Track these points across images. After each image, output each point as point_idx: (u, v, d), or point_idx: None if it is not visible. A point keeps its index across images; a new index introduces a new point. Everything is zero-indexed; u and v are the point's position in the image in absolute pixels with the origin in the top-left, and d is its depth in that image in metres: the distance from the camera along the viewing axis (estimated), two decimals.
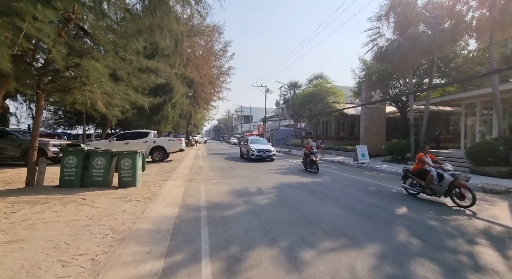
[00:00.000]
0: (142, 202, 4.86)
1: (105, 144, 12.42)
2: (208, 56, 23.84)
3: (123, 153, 6.08)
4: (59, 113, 24.36)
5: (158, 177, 7.96)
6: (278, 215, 4.59)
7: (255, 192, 6.56)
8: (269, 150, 14.97)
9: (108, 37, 6.79)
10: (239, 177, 8.95)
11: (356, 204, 5.65)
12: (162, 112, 17.61)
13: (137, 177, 6.24)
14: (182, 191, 6.41)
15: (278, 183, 7.90)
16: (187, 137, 35.21)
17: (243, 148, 16.89)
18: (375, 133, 17.99)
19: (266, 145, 16.04)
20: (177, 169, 10.18)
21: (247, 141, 16.55)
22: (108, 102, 6.72)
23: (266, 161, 14.72)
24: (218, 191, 6.54)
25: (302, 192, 6.71)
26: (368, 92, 17.85)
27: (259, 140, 17.21)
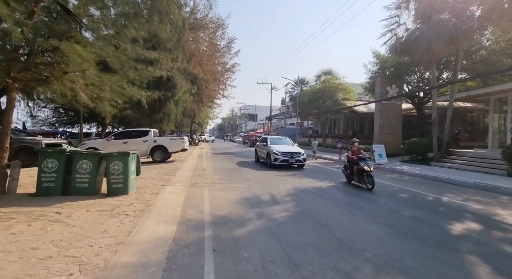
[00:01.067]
0: (131, 217, 3.90)
1: (102, 143, 11.56)
2: (212, 52, 22.91)
3: (113, 155, 5.13)
4: (61, 111, 23.76)
5: (156, 181, 7.01)
6: (303, 236, 3.59)
7: (269, 201, 5.56)
8: (298, 153, 11.11)
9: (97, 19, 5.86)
10: (247, 181, 7.97)
11: (394, 217, 4.61)
12: (165, 110, 16.72)
13: (130, 183, 5.29)
14: (182, 199, 5.44)
15: (293, 189, 6.88)
16: (191, 135, 34.40)
17: (260, 150, 12.96)
18: (391, 131, 16.81)
19: (292, 146, 12.33)
20: (178, 171, 9.24)
21: (265, 141, 12.63)
22: (97, 95, 5.77)
23: (293, 167, 11.24)
24: (225, 199, 5.55)
25: (323, 201, 5.69)
26: (383, 87, 16.67)
27: (282, 140, 13.22)
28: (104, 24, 6.21)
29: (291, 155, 10.95)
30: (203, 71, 21.20)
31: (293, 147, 12.25)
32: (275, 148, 11.36)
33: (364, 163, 7.06)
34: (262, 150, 12.49)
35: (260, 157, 13.00)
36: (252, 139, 34.98)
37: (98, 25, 5.98)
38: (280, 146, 11.73)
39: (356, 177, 7.36)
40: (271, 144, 11.98)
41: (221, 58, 24.86)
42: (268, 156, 11.35)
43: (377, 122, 17.02)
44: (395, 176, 9.91)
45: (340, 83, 25.36)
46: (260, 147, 13.08)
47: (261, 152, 12.78)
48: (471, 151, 13.02)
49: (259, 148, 13.24)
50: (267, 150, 11.66)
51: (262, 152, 12.42)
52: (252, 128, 70.03)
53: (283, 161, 10.80)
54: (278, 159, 10.80)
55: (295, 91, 31.05)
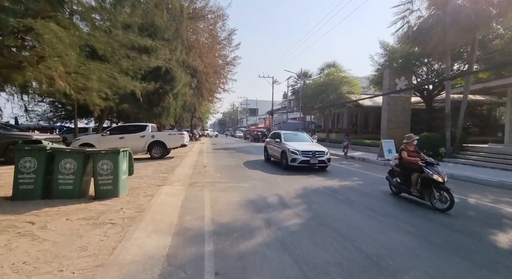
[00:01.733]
0: (118, 227, 3.31)
1: (97, 138, 10.96)
2: (212, 44, 22.11)
3: (100, 153, 4.52)
4: (59, 105, 23.14)
5: (152, 181, 6.42)
6: (322, 250, 2.99)
7: (276, 204, 4.96)
8: (321, 151, 9.09)
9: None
10: (251, 179, 7.37)
11: (422, 225, 4.01)
12: (163, 103, 16.04)
13: (120, 184, 4.69)
14: (180, 202, 4.85)
15: (302, 189, 6.28)
16: (191, 130, 33.80)
17: (272, 147, 11.04)
18: (399, 126, 16.14)
19: (313, 143, 10.41)
20: (177, 168, 8.65)
21: (278, 137, 10.64)
22: (84, 85, 5.13)
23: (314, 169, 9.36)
24: (228, 202, 4.96)
25: (337, 203, 5.09)
26: (392, 79, 15.92)
27: (298, 135, 11.24)
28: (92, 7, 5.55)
29: (313, 154, 8.87)
30: (203, 64, 20.45)
31: (313, 144, 10.23)
32: (292, 145, 9.31)
33: (433, 171, 4.87)
34: (275, 147, 10.55)
35: (271, 156, 11.22)
36: (254, 134, 34.36)
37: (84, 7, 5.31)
38: (297, 143, 9.70)
39: (415, 190, 5.21)
40: (286, 141, 9.96)
41: (221, 51, 24.09)
42: (284, 156, 9.32)
43: (385, 115, 16.33)
44: None
45: (344, 76, 24.54)
46: (272, 144, 11.04)
47: (273, 150, 10.88)
48: (485, 146, 12.36)
49: (271, 145, 11.24)
50: (281, 148, 9.64)
51: (275, 150, 10.50)
52: (253, 122, 69.34)
53: (303, 162, 8.75)
54: (297, 159, 8.74)
55: (297, 85, 30.23)
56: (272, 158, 11.16)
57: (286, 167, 9.10)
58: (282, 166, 9.57)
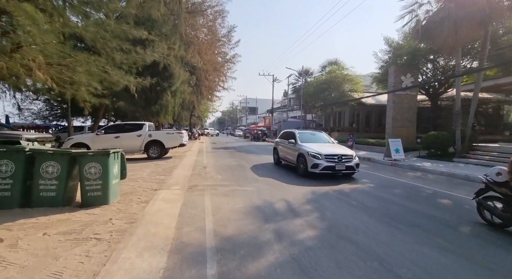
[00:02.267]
0: (104, 244, 2.80)
1: (91, 138, 10.42)
2: (212, 40, 21.55)
3: (87, 154, 4.00)
4: (54, 104, 22.55)
5: (147, 184, 5.90)
6: (348, 274, 2.49)
7: (285, 211, 4.46)
8: (348, 155, 7.55)
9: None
10: (254, 182, 6.87)
11: (455, 237, 3.52)
12: (161, 101, 15.51)
13: (111, 189, 4.17)
14: (178, 210, 4.34)
15: (310, 193, 5.79)
16: (190, 129, 33.26)
17: (284, 149, 9.47)
18: (405, 124, 15.63)
19: (335, 145, 8.69)
20: (175, 169, 8.13)
21: (292, 137, 8.99)
22: (70, 79, 4.59)
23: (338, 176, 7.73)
24: (231, 209, 4.45)
25: (352, 210, 4.59)
26: (397, 76, 15.38)
27: (316, 135, 9.47)
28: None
29: (339, 159, 7.28)
30: (202, 61, 19.90)
31: (336, 146, 8.52)
32: (312, 148, 7.73)
33: None
34: (288, 149, 9.00)
35: (283, 159, 9.70)
36: (254, 132, 33.84)
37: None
38: (317, 145, 8.13)
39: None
40: (303, 142, 8.44)
41: (221, 48, 23.56)
42: (301, 160, 7.78)
43: (390, 114, 15.81)
44: (419, 175, 8.82)
45: (347, 74, 24.04)
46: (284, 146, 9.42)
47: (285, 152, 9.34)
48: (496, 145, 11.89)
49: (282, 147, 9.69)
50: (297, 151, 8.09)
51: (288, 153, 8.99)
52: (252, 121, 68.82)
53: (327, 168, 7.16)
54: (319, 165, 7.16)
55: (298, 83, 29.70)
56: (284, 161, 9.70)
57: (305, 174, 7.57)
58: (298, 172, 7.95)
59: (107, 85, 6.03)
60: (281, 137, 10.37)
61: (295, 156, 8.30)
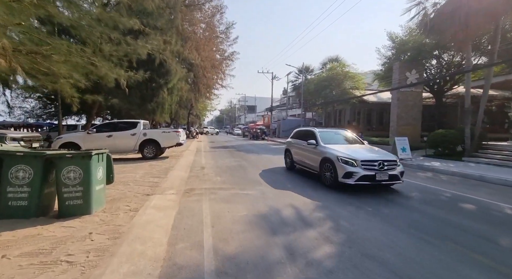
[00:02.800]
0: (77, 270, 2.24)
1: (82, 137, 9.80)
2: (210, 36, 20.93)
3: (65, 156, 3.43)
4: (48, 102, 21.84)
5: (139, 188, 5.34)
6: None
7: (294, 220, 3.92)
8: (391, 161, 5.83)
9: None
10: (257, 184, 6.32)
11: (498, 253, 3.00)
12: (157, 99, 14.92)
13: (93, 197, 3.60)
14: (171, 220, 3.78)
15: (319, 197, 5.25)
16: (188, 128, 32.64)
17: (300, 151, 7.79)
18: (409, 122, 15.16)
19: (369, 147, 6.94)
20: (171, 171, 7.57)
21: (310, 136, 7.35)
22: (48, 69, 4.01)
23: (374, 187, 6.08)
24: (233, 219, 3.90)
25: (369, 218, 4.06)
26: (402, 73, 14.90)
27: (340, 135, 7.63)
28: None
29: (380, 165, 5.55)
30: (200, 57, 19.29)
31: (371, 148, 6.73)
32: (342, 151, 6.02)
33: None
34: (307, 152, 7.25)
35: (299, 163, 7.87)
36: (253, 131, 33.27)
37: None
38: (346, 147, 6.47)
39: None
40: (327, 143, 6.72)
41: (219, 46, 22.96)
42: (327, 167, 6.08)
43: (394, 111, 15.34)
44: (430, 175, 8.32)
45: (348, 71, 23.52)
46: (301, 148, 7.71)
47: (302, 156, 7.59)
48: (505, 144, 11.44)
49: (297, 149, 7.96)
50: (321, 154, 6.37)
51: (307, 157, 7.23)
52: (251, 120, 68.25)
53: (365, 178, 5.44)
54: (355, 174, 5.45)
55: (298, 80, 29.16)
56: (300, 166, 7.91)
57: (333, 185, 5.84)
58: (323, 181, 6.22)
59: (94, 79, 5.42)
60: (295, 136, 8.65)
61: (317, 161, 6.53)
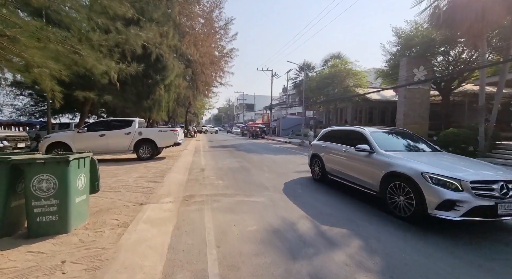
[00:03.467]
0: None
1: (71, 136, 9.09)
2: (209, 32, 20.22)
3: (35, 162, 2.77)
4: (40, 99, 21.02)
5: (132, 196, 4.69)
6: None
7: (315, 237, 3.29)
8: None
9: None
10: (263, 189, 5.70)
11: None
12: (154, 96, 14.22)
13: (71, 211, 2.95)
14: (168, 238, 3.14)
15: (333, 204, 4.64)
16: (186, 126, 31.93)
17: (337, 158, 5.79)
18: (416, 121, 14.61)
19: (477, 163, 4.24)
20: (168, 173, 6.91)
21: (360, 139, 5.16)
22: (18, 56, 3.34)
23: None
24: (241, 236, 3.27)
25: (398, 232, 3.44)
26: (410, 69, 14.32)
27: (402, 137, 5.45)
28: None
29: (504, 189, 3.41)
30: (198, 53, 18.57)
31: (477, 163, 4.29)
32: (427, 164, 3.94)
33: None
34: (356, 163, 5.09)
35: (337, 175, 5.76)
36: (252, 130, 32.63)
37: None
38: (427, 158, 4.40)
39: None
40: (388, 150, 4.63)
41: (218, 42, 22.26)
42: (402, 189, 3.90)
43: (401, 109, 14.77)
44: None
45: (350, 68, 22.92)
46: (341, 155, 5.61)
47: (345, 166, 5.47)
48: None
49: (336, 156, 5.79)
50: (385, 167, 4.26)
51: (357, 169, 5.05)
52: (250, 118, 67.57)
53: (479, 211, 3.32)
54: (463, 204, 3.34)
55: (299, 78, 28.50)
56: (337, 177, 5.71)
57: (416, 218, 3.76)
58: (397, 213, 3.96)
59: (80, 71, 4.75)
60: (327, 138, 6.53)
61: (374, 176, 4.41)
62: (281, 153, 13.50)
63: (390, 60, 17.96)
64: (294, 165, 9.24)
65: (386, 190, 4.17)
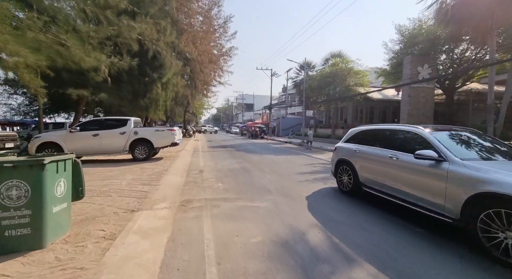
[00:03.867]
0: None
1: (63, 136, 8.65)
2: (208, 29, 19.81)
3: (3, 166, 2.35)
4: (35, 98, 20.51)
5: (124, 201, 4.27)
6: None
7: (329, 251, 2.89)
8: None
9: None
10: (267, 193, 5.29)
11: None
12: (151, 94, 13.77)
13: (48, 222, 2.54)
14: (161, 253, 2.72)
15: (343, 210, 4.24)
16: (185, 126, 31.47)
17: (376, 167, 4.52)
18: (421, 120, 14.26)
19: None
20: (165, 175, 6.49)
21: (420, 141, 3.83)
22: None
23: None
24: (245, 251, 2.85)
25: (421, 244, 3.05)
26: (414, 67, 13.96)
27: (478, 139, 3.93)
28: None
29: None
30: (197, 51, 18.15)
31: None
32: None
33: None
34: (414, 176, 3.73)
35: (379, 189, 4.43)
36: (251, 130, 32.24)
37: None
38: None
39: None
40: (467, 158, 3.26)
41: (217, 41, 21.86)
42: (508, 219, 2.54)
43: (405, 109, 14.41)
44: None
45: (351, 67, 22.54)
46: (385, 163, 4.29)
47: (393, 178, 4.12)
48: None
49: (377, 164, 4.52)
50: (472, 187, 2.87)
51: (416, 184, 3.68)
52: (248, 118, 67.16)
53: None
54: None
55: (299, 77, 28.13)
56: (380, 192, 4.39)
57: None
58: (501, 255, 2.59)
59: (65, 64, 4.32)
60: (361, 141, 5.17)
61: (450, 196, 3.16)
62: (282, 154, 13.11)
63: (392, 59, 17.62)
64: (296, 166, 8.84)
65: (477, 219, 2.79)
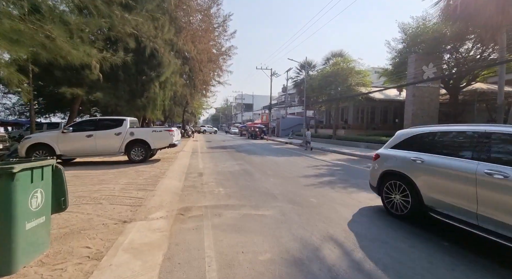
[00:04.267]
0: None
1: (55, 137, 8.22)
2: (207, 27, 19.44)
3: None
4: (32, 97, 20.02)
5: (115, 209, 3.86)
6: None
7: (348, 270, 2.50)
8: None
9: None
10: (271, 199, 4.90)
11: None
12: (148, 93, 13.34)
13: (18, 243, 2.13)
14: (155, 276, 2.32)
15: (358, 219, 3.85)
16: (183, 126, 31.05)
17: (457, 187, 3.07)
18: (425, 121, 13.91)
19: None
20: (162, 179, 6.08)
21: None
22: None
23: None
24: (253, 271, 2.46)
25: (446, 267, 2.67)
26: (418, 66, 13.62)
27: None
28: None
29: None
30: (196, 49, 17.75)
31: None
32: None
33: None
34: None
35: (457, 218, 3.10)
36: (251, 130, 31.82)
37: None
38: None
39: None
40: None
41: (216, 40, 21.50)
42: None
43: (409, 109, 14.07)
44: None
45: (353, 66, 22.19)
46: (485, 182, 2.78)
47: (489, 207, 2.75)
48: None
49: (458, 181, 3.07)
50: None
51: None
52: (248, 118, 66.73)
53: None
54: None
55: (300, 77, 27.78)
56: (459, 221, 3.06)
57: None
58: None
59: (50, 58, 3.90)
60: (423, 148, 3.74)
61: None
62: (283, 155, 12.73)
63: (395, 58, 17.29)
64: (299, 168, 8.45)
65: None
